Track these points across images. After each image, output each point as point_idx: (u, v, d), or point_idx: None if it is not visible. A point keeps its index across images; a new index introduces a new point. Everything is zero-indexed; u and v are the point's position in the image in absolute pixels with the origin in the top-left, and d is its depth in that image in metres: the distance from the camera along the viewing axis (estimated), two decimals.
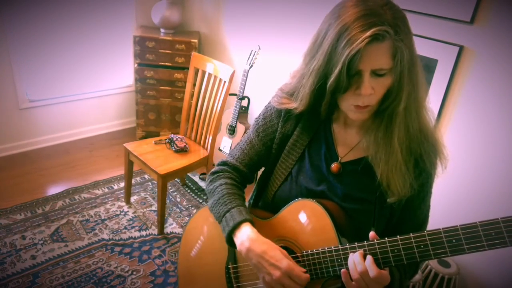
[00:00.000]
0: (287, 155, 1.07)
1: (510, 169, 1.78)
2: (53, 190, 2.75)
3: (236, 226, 0.97)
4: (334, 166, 1.01)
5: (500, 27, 1.72)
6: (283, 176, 1.07)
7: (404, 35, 0.82)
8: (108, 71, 3.44)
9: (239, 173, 1.13)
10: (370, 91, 0.84)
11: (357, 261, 0.83)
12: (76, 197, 2.69)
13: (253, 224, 0.98)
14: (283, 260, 0.89)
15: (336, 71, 0.82)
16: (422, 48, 1.97)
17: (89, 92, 3.36)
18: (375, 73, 0.84)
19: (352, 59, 0.80)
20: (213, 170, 1.15)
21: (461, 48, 1.84)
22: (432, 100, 2.07)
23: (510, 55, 1.71)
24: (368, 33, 0.78)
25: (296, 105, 0.99)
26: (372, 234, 0.86)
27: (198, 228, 1.18)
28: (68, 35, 3.10)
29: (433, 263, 1.97)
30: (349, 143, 1.02)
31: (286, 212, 1.01)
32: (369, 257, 0.83)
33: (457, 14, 1.82)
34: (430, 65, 1.96)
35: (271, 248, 0.92)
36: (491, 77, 1.79)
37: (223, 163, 1.15)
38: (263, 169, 1.18)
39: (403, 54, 0.82)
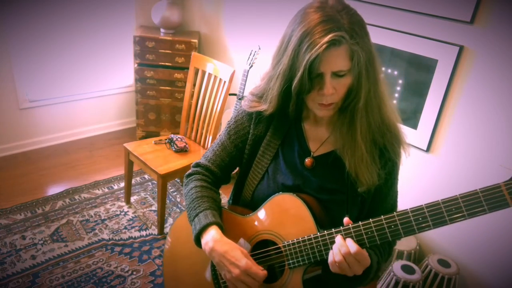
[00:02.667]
0: (262, 155, 1.12)
1: (510, 169, 1.78)
2: (53, 190, 2.75)
3: (203, 230, 1.02)
4: (307, 160, 1.07)
5: (500, 27, 1.72)
6: (260, 176, 1.12)
7: (360, 39, 0.88)
8: (108, 71, 3.44)
9: (211, 173, 1.17)
10: (332, 91, 0.91)
11: (340, 244, 0.89)
12: (76, 197, 2.69)
13: (220, 226, 1.03)
14: (242, 260, 0.96)
15: (299, 74, 0.89)
16: (422, 48, 1.97)
17: (89, 92, 3.36)
18: (336, 74, 0.90)
19: (313, 63, 0.87)
20: (187, 172, 1.20)
21: (461, 48, 1.84)
22: (432, 100, 2.09)
23: (510, 55, 1.72)
24: (326, 39, 0.85)
25: (266, 107, 1.05)
26: (346, 220, 0.92)
27: (183, 229, 1.21)
28: (68, 35, 3.10)
29: (433, 263, 1.97)
30: (319, 138, 1.09)
31: (266, 207, 1.06)
32: (348, 238, 0.90)
33: (457, 14, 1.82)
34: (430, 65, 1.96)
35: (232, 249, 0.98)
36: (491, 77, 1.79)
37: (196, 165, 1.20)
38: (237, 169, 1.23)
39: (360, 56, 0.89)
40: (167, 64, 3.14)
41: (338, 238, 0.90)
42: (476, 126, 1.87)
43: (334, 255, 0.89)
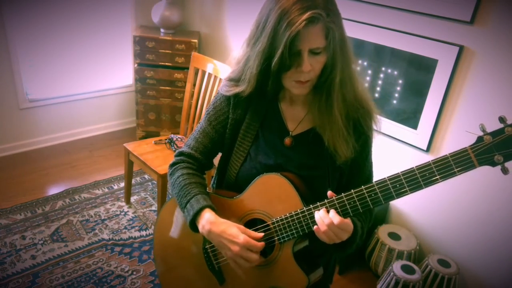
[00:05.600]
0: (242, 138, 1.16)
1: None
2: (53, 190, 2.75)
3: (196, 214, 1.06)
4: (287, 140, 1.12)
5: (500, 27, 1.72)
6: (242, 158, 1.16)
7: (334, 17, 0.94)
8: (108, 71, 3.44)
9: (195, 160, 1.20)
10: (310, 67, 0.96)
11: (323, 216, 0.95)
12: (76, 197, 2.69)
13: (212, 208, 1.07)
14: (240, 235, 1.00)
15: (279, 52, 0.92)
16: (422, 48, 1.97)
17: (89, 92, 3.36)
18: (312, 52, 0.95)
19: (293, 40, 0.91)
20: (171, 162, 1.22)
21: (461, 48, 1.84)
22: (432, 100, 2.08)
23: (510, 55, 1.72)
24: (305, 16, 0.89)
25: (244, 87, 1.08)
26: (329, 193, 0.98)
27: (171, 216, 1.25)
28: (68, 35, 3.10)
29: (433, 263, 1.97)
30: (296, 117, 1.13)
31: (252, 188, 1.10)
32: (332, 210, 0.96)
33: (457, 14, 1.82)
34: (430, 65, 1.96)
35: (229, 227, 1.02)
36: (491, 77, 1.79)
37: (179, 154, 1.22)
38: (220, 155, 1.26)
39: (335, 34, 0.94)
40: (167, 64, 3.14)
41: (321, 211, 0.96)
42: (476, 126, 1.87)
43: (319, 226, 0.95)
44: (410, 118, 2.10)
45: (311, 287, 1.10)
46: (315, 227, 0.96)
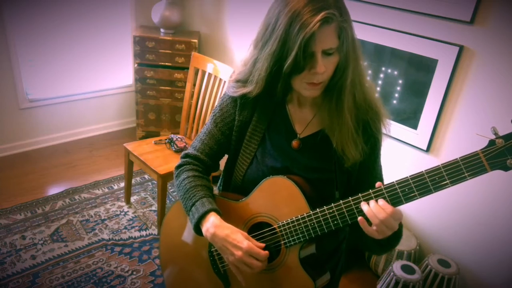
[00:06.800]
0: (249, 140, 1.14)
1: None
2: (53, 190, 2.75)
3: (201, 217, 1.05)
4: (294, 142, 1.10)
5: (500, 27, 1.72)
6: (248, 160, 1.14)
7: (346, 16, 0.92)
8: (108, 71, 3.44)
9: (201, 162, 1.19)
10: (324, 69, 0.94)
11: (374, 208, 0.90)
12: (76, 197, 2.69)
13: (217, 211, 1.06)
14: (244, 241, 0.98)
15: (293, 53, 0.89)
16: (422, 48, 1.97)
17: (89, 92, 3.36)
18: (325, 53, 0.93)
19: (307, 42, 0.88)
20: (177, 164, 1.21)
21: (461, 48, 1.84)
22: (432, 100, 2.08)
23: (510, 55, 1.71)
24: (319, 17, 0.86)
25: (251, 88, 1.06)
26: (379, 183, 0.93)
27: (177, 220, 1.25)
28: (68, 35, 3.10)
29: (433, 263, 1.97)
30: (304, 120, 1.12)
31: (258, 190, 1.08)
32: (381, 200, 0.91)
33: (457, 14, 1.82)
34: (430, 65, 1.96)
35: (233, 232, 1.00)
36: (491, 77, 1.79)
37: (185, 155, 1.21)
38: (226, 157, 1.25)
39: (347, 34, 0.92)
40: (167, 64, 3.14)
41: (372, 203, 0.91)
42: (476, 127, 1.87)
43: (372, 220, 0.90)
44: (410, 118, 2.10)
45: None
46: (360, 218, 0.92)
